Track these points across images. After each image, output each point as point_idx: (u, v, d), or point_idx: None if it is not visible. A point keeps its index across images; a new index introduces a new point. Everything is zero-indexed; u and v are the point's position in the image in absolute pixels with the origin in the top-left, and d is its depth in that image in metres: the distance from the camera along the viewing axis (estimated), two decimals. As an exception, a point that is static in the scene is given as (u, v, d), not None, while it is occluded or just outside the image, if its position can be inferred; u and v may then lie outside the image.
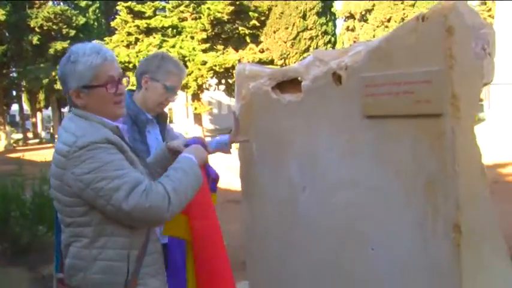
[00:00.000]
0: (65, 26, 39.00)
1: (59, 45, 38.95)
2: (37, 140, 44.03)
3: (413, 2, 33.29)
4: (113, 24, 33.33)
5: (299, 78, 3.59)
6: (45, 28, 38.10)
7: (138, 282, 2.43)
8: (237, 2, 28.42)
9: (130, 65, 27.68)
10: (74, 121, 2.42)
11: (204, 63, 27.71)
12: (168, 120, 3.67)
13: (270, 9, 30.38)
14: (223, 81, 31.30)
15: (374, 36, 33.85)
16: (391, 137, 3.06)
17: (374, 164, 3.18)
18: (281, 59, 29.46)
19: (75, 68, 2.40)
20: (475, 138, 2.90)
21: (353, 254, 3.38)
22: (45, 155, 19.70)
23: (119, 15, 31.73)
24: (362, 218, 3.28)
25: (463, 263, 2.81)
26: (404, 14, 33.30)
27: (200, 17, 29.28)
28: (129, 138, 3.02)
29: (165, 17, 30.27)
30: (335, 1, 34.14)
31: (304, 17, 30.28)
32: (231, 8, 28.48)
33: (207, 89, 31.99)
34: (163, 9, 32.04)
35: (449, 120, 2.77)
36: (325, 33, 30.90)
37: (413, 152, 2.96)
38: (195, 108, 30.74)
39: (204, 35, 29.29)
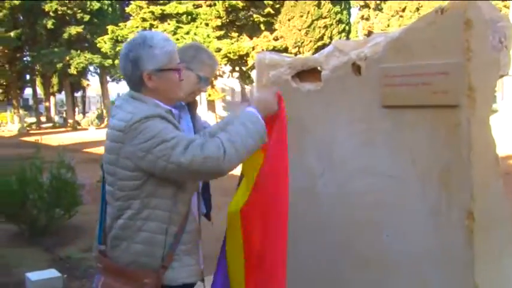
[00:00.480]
0: (79, 11, 39.02)
1: (73, 29, 39.03)
2: (50, 124, 44.24)
3: (428, -9, 33.17)
4: (127, 9, 33.32)
5: (319, 68, 3.67)
6: (59, 12, 38.13)
7: (173, 257, 2.61)
8: (252, -11, 28.45)
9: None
10: (130, 102, 2.59)
11: (219, 50, 27.74)
12: (197, 109, 3.68)
13: (284, -3, 30.40)
14: (237, 68, 31.29)
15: (388, 26, 33.74)
16: (408, 126, 3.14)
17: (391, 153, 3.26)
18: (295, 47, 29.40)
19: (153, 52, 2.57)
20: (490, 129, 2.98)
21: (369, 240, 3.46)
22: (60, 139, 19.88)
23: (134, 0, 31.77)
24: (378, 205, 3.36)
25: (476, 249, 2.90)
26: (419, 4, 33.09)
27: (215, 4, 29.22)
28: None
29: (180, 3, 30.23)
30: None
31: (318, 5, 30.19)
32: (246, -5, 28.53)
33: (221, 76, 32.01)
34: (178, -5, 32.11)
35: (465, 111, 2.85)
36: (340, 21, 30.78)
37: (429, 142, 3.04)
38: (209, 95, 30.83)
39: (218, 22, 29.27)
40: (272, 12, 29.94)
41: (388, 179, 3.28)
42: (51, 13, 37.92)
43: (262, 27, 30.39)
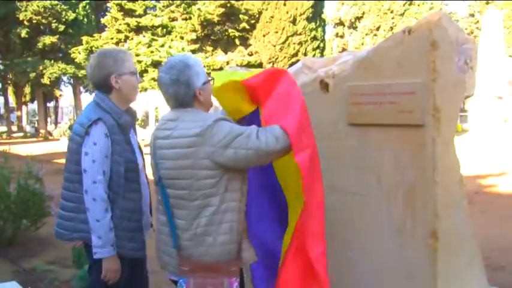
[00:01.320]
0: (54, 21, 38.69)
1: (47, 39, 38.68)
2: (21, 134, 43.71)
3: (402, 11, 33.54)
4: (103, 21, 33.26)
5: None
6: (34, 22, 37.76)
7: (242, 241, 2.98)
8: (228, 4, 28.50)
9: (119, 63, 27.49)
10: (193, 113, 2.91)
11: (193, 63, 27.76)
12: (136, 117, 3.68)
13: (260, 13, 30.44)
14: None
15: (363, 44, 34.07)
16: (374, 145, 3.17)
17: (357, 171, 3.28)
18: (270, 63, 29.53)
19: (197, 71, 2.95)
20: (454, 149, 3.02)
21: (333, 258, 3.46)
22: (29, 148, 19.63)
23: (109, 12, 31.70)
24: (343, 223, 3.38)
25: (438, 268, 2.93)
26: (393, 23, 33.54)
27: (190, 18, 29.25)
28: (116, 140, 3.25)
29: (156, 16, 30.24)
30: (324, 9, 34.28)
31: (294, 21, 30.39)
32: (222, 9, 28.52)
33: (195, 90, 31.99)
34: (154, 8, 32.01)
35: (430, 131, 2.88)
36: (315, 38, 31.00)
37: (394, 161, 3.06)
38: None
39: (193, 36, 29.29)
40: (247, 27, 30.08)
41: (354, 197, 3.30)
42: (25, 22, 37.57)
43: (237, 42, 30.49)
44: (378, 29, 34.00)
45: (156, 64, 28.27)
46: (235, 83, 3.13)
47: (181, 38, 29.60)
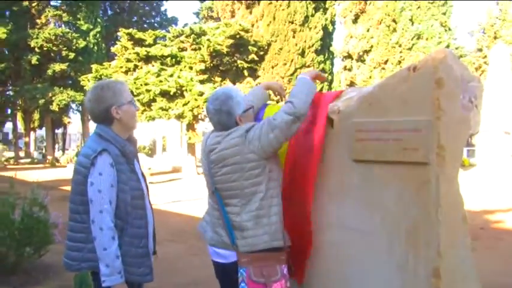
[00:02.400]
0: (64, 48, 39.15)
1: (57, 66, 39.06)
2: (29, 160, 43.86)
3: (410, 45, 33.66)
4: (113, 49, 33.35)
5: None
6: (45, 49, 38.21)
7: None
8: (237, 36, 28.64)
9: (128, 91, 27.57)
10: (237, 129, 3.45)
11: (201, 94, 27.78)
12: (137, 145, 3.77)
13: (269, 45, 30.62)
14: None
15: (370, 77, 34.14)
16: (378, 181, 3.15)
17: (360, 207, 3.27)
18: (277, 95, 29.64)
19: (238, 101, 3.52)
20: (458, 187, 3.00)
21: (336, 293, 3.44)
22: (36, 175, 19.64)
23: (120, 41, 31.81)
24: (346, 259, 3.35)
25: (441, 308, 2.89)
26: (401, 57, 33.60)
27: (200, 48, 29.38)
28: (122, 169, 3.37)
29: (165, 46, 30.38)
30: (332, 42, 34.46)
31: (302, 54, 30.58)
32: (231, 41, 28.65)
33: (202, 120, 32.01)
34: (164, 38, 32.20)
35: (435, 169, 2.87)
36: (323, 71, 31.14)
37: (398, 198, 3.05)
38: (189, 138, 30.81)
39: (202, 66, 29.36)
40: (256, 58, 30.20)
41: (357, 233, 3.28)
42: (36, 49, 37.98)
43: (246, 73, 30.59)
44: (385, 62, 34.05)
45: (164, 93, 28.38)
46: None
47: (190, 68, 29.71)
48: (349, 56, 37.07)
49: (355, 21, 36.12)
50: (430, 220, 2.89)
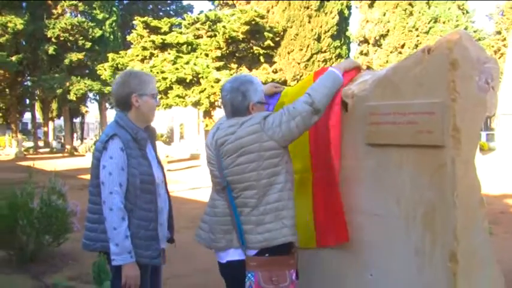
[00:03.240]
0: (81, 38, 39.29)
1: (74, 56, 39.26)
2: (48, 149, 44.20)
3: (427, 29, 33.36)
4: (128, 38, 33.44)
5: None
6: (61, 39, 38.40)
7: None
8: (253, 22, 28.57)
9: (144, 80, 27.56)
10: (253, 115, 3.31)
11: (218, 81, 27.78)
12: (156, 136, 3.89)
13: (285, 30, 30.45)
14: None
15: (387, 62, 33.87)
16: (393, 165, 3.13)
17: (375, 191, 3.24)
18: (294, 80, 29.50)
19: (257, 89, 3.41)
20: (475, 170, 2.96)
21: (353, 278, 3.43)
22: (55, 164, 19.79)
23: (135, 29, 31.85)
24: (363, 244, 3.34)
25: (458, 292, 2.86)
26: (418, 41, 33.31)
27: (215, 35, 29.34)
28: (132, 154, 3.48)
29: (181, 33, 30.37)
30: (348, 27, 34.22)
31: (318, 39, 30.39)
32: (247, 27, 28.60)
33: (219, 107, 32.01)
34: (179, 25, 32.22)
35: (450, 152, 2.84)
36: (339, 56, 30.94)
37: (413, 181, 3.02)
38: (206, 125, 30.84)
39: (218, 53, 29.35)
40: (272, 45, 30.12)
41: (373, 217, 3.26)
42: (53, 39, 38.18)
43: (262, 59, 30.54)
44: (402, 46, 33.78)
45: (180, 81, 28.42)
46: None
47: (206, 55, 29.71)
48: (366, 41, 36.87)
49: (371, 5, 35.86)
50: (447, 204, 2.87)
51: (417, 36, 33.63)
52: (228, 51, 30.14)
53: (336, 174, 3.40)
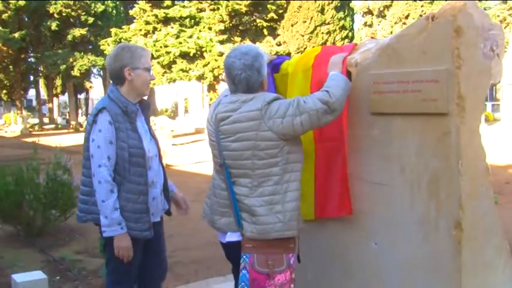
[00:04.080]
0: (83, 13, 39.00)
1: (77, 31, 39.04)
2: (53, 126, 44.26)
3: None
4: (131, 12, 33.31)
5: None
6: (64, 14, 38.10)
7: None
8: (256, -6, 28.45)
9: (148, 54, 27.55)
10: (254, 97, 3.15)
11: (221, 54, 27.67)
12: (149, 109, 3.89)
13: (288, 3, 30.28)
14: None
15: (391, 33, 33.65)
16: (397, 134, 3.12)
17: (380, 160, 3.24)
18: (298, 52, 29.32)
19: (265, 61, 3.26)
20: (480, 138, 2.95)
21: (358, 247, 3.44)
22: (60, 140, 19.85)
23: (138, 3, 31.75)
24: (367, 213, 3.35)
25: (463, 260, 2.87)
26: (422, 11, 33.05)
27: (218, 8, 29.21)
28: (121, 127, 3.50)
29: (184, 7, 30.21)
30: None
31: (322, 11, 30.14)
32: (250, 0, 28.51)
33: (223, 80, 31.88)
34: (182, -1, 32.13)
35: (455, 120, 2.83)
36: (343, 28, 30.71)
37: (418, 150, 3.02)
38: (210, 99, 30.81)
39: (221, 27, 29.25)
40: (275, 17, 29.96)
41: (377, 186, 3.26)
42: (55, 15, 37.94)
43: (265, 32, 30.41)
44: (407, 17, 33.55)
45: (184, 55, 28.33)
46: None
47: (210, 28, 29.58)
48: (370, 12, 36.66)
49: (375, -24, 35.54)
50: (451, 172, 2.86)
51: (421, 6, 33.39)
52: (231, 25, 30.02)
53: (342, 145, 3.39)
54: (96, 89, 63.09)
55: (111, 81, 3.68)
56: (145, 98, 3.81)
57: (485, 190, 3.02)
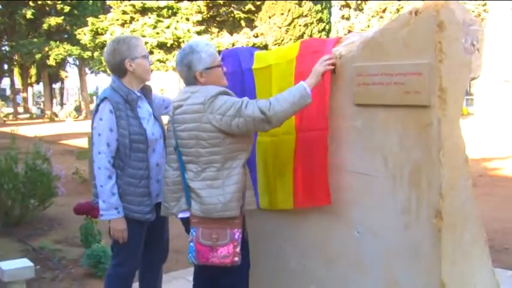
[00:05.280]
0: (59, 2, 38.58)
1: (52, 20, 38.60)
2: (27, 115, 43.86)
3: (409, -7, 33.30)
4: (108, 2, 33.02)
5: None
6: (39, 2, 37.69)
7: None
8: (234, -14, 28.42)
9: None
10: (199, 89, 3.40)
11: (198, 45, 27.62)
12: (152, 92, 4.01)
13: (266, -6, 30.37)
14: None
15: (368, 26, 33.85)
16: (380, 125, 3.19)
17: (363, 151, 3.31)
18: (275, 44, 29.35)
19: (201, 56, 3.43)
20: (460, 130, 3.03)
21: (340, 236, 3.51)
22: (36, 130, 19.67)
23: (115, -7, 31.53)
24: (350, 202, 3.41)
25: (443, 248, 2.96)
26: (399, 5, 33.28)
27: (196, -1, 29.25)
28: (121, 115, 3.65)
29: (161, -3, 30.18)
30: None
31: (300, 3, 30.12)
32: (228, -9, 28.51)
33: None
34: (160, -11, 31.92)
35: (436, 112, 2.90)
36: (320, 20, 30.80)
37: (400, 141, 3.09)
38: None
39: (199, 17, 29.18)
40: (253, 9, 29.97)
41: (360, 177, 3.33)
42: (30, 3, 37.48)
43: (243, 23, 30.41)
44: (384, 11, 33.75)
45: (161, 45, 28.22)
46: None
47: (187, 19, 29.49)
48: (347, 5, 36.79)
49: (352, -31, 35.67)
50: (432, 162, 2.94)
51: (399, 0, 33.56)
52: (209, 16, 29.97)
53: (323, 135, 3.44)
54: (72, 79, 62.44)
55: (111, 74, 3.84)
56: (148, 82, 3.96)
57: (465, 180, 3.12)
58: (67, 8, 38.77)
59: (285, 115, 3.27)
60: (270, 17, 30.10)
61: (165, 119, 3.89)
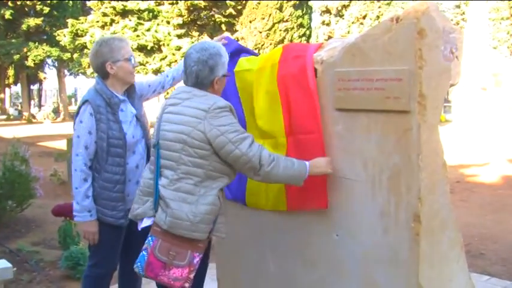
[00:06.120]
0: (38, 3, 38.31)
1: (31, 21, 38.29)
2: (5, 116, 43.45)
3: (389, 0, 33.59)
4: (88, 3, 32.89)
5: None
6: (18, 3, 37.40)
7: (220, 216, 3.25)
8: (215, -10, 28.45)
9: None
10: (206, 94, 3.22)
11: (179, 48, 27.63)
12: (136, 90, 3.96)
13: (247, -1, 30.46)
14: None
15: (349, 32, 34.07)
16: (360, 130, 3.22)
17: (343, 155, 3.34)
18: (255, 49, 29.36)
19: (224, 62, 3.31)
20: (438, 135, 3.08)
21: (320, 239, 3.54)
22: (13, 131, 19.49)
23: (95, -6, 31.40)
24: (330, 206, 3.43)
25: (421, 251, 3.00)
26: (379, 11, 33.57)
27: (177, 2, 29.11)
28: (102, 118, 3.65)
29: (142, 0, 30.10)
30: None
31: (280, 8, 30.26)
32: (209, -5, 28.52)
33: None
34: (140, -9, 31.83)
35: (416, 117, 2.94)
36: (301, 26, 30.90)
37: (380, 145, 3.13)
38: (167, 93, 30.66)
39: (180, 21, 29.14)
40: (234, 13, 30.00)
41: (340, 181, 3.36)
42: (9, 3, 37.14)
43: (224, 27, 30.41)
44: (364, 17, 34.00)
45: (141, 48, 28.15)
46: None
47: (168, 22, 29.45)
48: (328, 11, 36.97)
49: (333, -25, 35.87)
50: (411, 166, 2.98)
51: (379, 7, 33.86)
52: (189, 19, 29.93)
53: (317, 138, 3.41)
54: (50, 80, 61.95)
55: (96, 75, 3.83)
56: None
57: (443, 185, 3.16)
58: (46, 9, 38.44)
59: (276, 180, 3.24)
60: (250, 22, 30.10)
61: (153, 101, 3.92)
